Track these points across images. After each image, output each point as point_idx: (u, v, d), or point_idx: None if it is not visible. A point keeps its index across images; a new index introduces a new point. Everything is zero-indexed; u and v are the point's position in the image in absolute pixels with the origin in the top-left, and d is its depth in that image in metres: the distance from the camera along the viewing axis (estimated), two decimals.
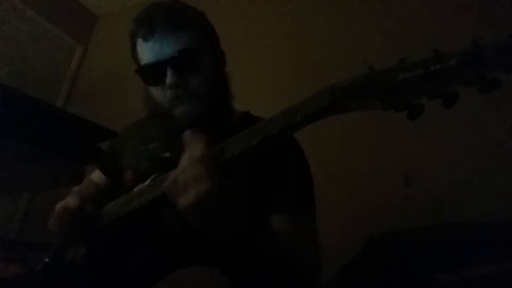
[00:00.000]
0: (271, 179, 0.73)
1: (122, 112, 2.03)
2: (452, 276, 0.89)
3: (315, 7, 1.87)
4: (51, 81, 2.54)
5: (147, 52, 0.74)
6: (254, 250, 0.56)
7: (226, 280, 0.51)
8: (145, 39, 0.74)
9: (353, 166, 1.50)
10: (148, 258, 0.70)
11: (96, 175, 1.00)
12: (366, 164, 1.47)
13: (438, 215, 1.21)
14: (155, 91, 0.77)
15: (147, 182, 0.68)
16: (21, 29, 2.37)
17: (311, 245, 0.70)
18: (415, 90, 0.36)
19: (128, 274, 0.69)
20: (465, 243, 0.93)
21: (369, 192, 1.42)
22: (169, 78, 0.72)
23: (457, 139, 1.32)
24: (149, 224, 0.72)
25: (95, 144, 0.45)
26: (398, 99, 0.37)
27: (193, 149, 0.50)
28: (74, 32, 2.70)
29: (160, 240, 0.71)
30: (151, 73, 0.75)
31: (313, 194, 0.78)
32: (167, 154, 0.79)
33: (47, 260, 0.74)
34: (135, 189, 0.67)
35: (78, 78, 2.69)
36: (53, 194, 0.81)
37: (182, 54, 0.72)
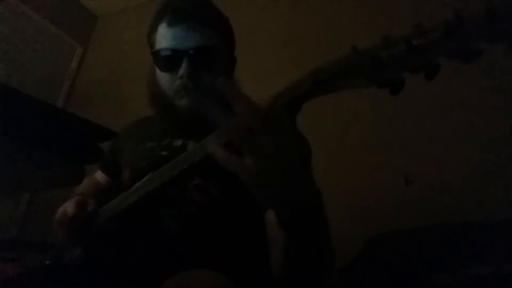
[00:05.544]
0: None
1: (122, 112, 2.04)
2: (452, 276, 0.89)
3: (313, 3, 1.88)
4: (51, 81, 2.54)
5: (169, 37, 0.75)
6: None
7: (227, 280, 0.51)
8: (171, 25, 0.75)
9: (353, 166, 1.50)
10: (146, 259, 0.69)
11: (99, 174, 1.00)
12: (366, 164, 1.47)
13: (438, 215, 1.21)
14: (164, 77, 0.77)
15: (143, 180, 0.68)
16: (21, 29, 2.37)
17: None
18: (398, 66, 0.35)
19: (126, 275, 0.69)
20: (465, 243, 0.93)
21: (369, 192, 1.42)
22: (183, 68, 0.73)
23: (457, 139, 1.32)
24: (146, 224, 0.72)
25: (95, 144, 0.45)
26: (381, 75, 0.37)
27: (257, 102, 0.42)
28: (74, 32, 2.71)
29: (158, 241, 0.71)
30: (167, 58, 0.75)
31: None
32: (164, 153, 0.79)
33: (47, 262, 0.74)
34: (132, 188, 0.68)
35: (78, 78, 2.69)
36: (53, 194, 0.81)
37: (203, 50, 0.74)
